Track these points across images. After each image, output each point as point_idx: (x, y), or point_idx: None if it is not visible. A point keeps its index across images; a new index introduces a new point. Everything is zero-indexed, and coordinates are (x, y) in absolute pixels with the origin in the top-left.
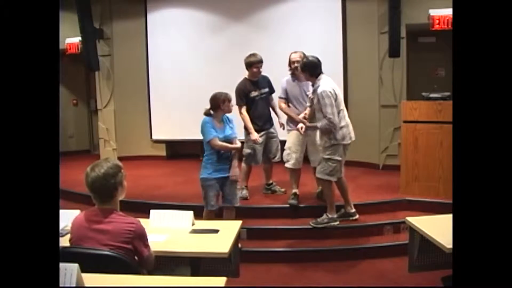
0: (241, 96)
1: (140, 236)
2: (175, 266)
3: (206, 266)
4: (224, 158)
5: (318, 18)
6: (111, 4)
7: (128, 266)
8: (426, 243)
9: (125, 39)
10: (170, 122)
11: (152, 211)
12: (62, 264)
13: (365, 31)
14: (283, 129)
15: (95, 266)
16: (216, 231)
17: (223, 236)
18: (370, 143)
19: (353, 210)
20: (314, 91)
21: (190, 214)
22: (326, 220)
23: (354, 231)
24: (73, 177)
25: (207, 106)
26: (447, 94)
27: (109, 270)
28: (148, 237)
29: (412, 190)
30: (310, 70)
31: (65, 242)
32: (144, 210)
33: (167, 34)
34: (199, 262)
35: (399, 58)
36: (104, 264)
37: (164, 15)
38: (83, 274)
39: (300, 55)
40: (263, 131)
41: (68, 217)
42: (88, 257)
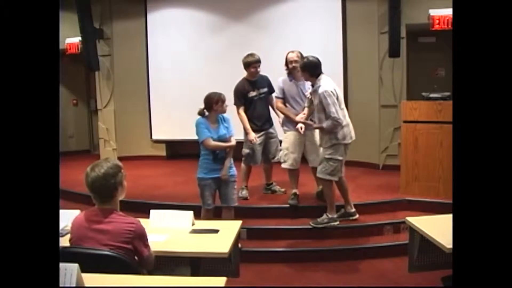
0: (239, 96)
1: (140, 236)
2: (175, 266)
3: (206, 266)
4: (219, 158)
5: (318, 18)
6: (111, 4)
7: (128, 266)
8: (426, 243)
9: (125, 39)
10: (170, 122)
11: (152, 211)
12: (62, 264)
13: (365, 31)
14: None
15: (95, 266)
16: (216, 231)
17: (223, 236)
18: (370, 143)
19: (353, 210)
20: (315, 91)
21: (190, 214)
22: (326, 220)
23: (354, 231)
24: (73, 177)
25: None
26: (447, 94)
27: (109, 270)
28: (148, 237)
29: (412, 190)
30: (310, 70)
31: (65, 242)
32: (144, 210)
33: (167, 34)
34: (199, 262)
35: (399, 58)
36: (104, 264)
37: (164, 15)
38: (83, 274)
39: (298, 55)
40: (262, 131)
41: (68, 217)
42: (88, 257)
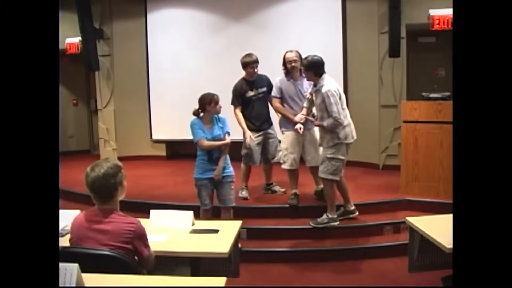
0: (236, 96)
1: (140, 236)
2: (175, 266)
3: (206, 266)
4: (215, 158)
5: (318, 18)
6: (111, 4)
7: (128, 266)
8: (426, 243)
9: (125, 39)
10: (170, 122)
11: (152, 211)
12: (62, 264)
13: (365, 31)
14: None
15: (95, 266)
16: (216, 231)
17: (223, 236)
18: (370, 143)
19: (352, 208)
20: (318, 90)
21: (190, 214)
22: (326, 220)
23: (354, 231)
24: (73, 177)
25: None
26: (447, 94)
27: (109, 270)
28: (148, 237)
29: (412, 190)
30: (315, 69)
31: (65, 242)
32: (144, 210)
33: (167, 34)
34: (199, 262)
35: (399, 58)
36: (104, 264)
37: (164, 15)
38: (83, 274)
39: (296, 54)
40: (260, 131)
41: (68, 217)
42: (88, 257)
